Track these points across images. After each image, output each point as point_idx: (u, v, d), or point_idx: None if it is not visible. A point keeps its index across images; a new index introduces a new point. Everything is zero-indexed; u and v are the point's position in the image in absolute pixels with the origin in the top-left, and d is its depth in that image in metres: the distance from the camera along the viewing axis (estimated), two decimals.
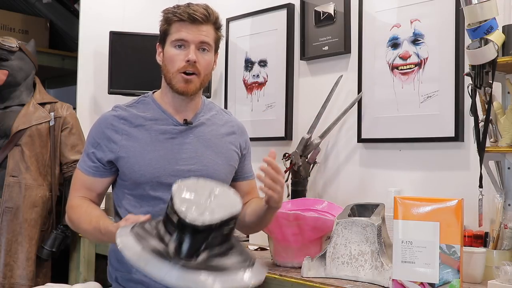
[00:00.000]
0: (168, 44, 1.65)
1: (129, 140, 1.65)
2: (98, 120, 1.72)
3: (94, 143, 1.68)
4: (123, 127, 1.66)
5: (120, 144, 1.64)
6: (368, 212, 1.94)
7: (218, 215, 1.29)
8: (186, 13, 1.62)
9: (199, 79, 1.66)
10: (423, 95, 2.27)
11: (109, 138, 1.65)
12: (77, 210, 1.66)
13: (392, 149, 2.40)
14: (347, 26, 2.56)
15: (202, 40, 1.63)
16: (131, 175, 1.64)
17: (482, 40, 1.82)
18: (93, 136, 1.69)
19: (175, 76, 1.64)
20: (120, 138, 1.65)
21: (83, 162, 1.70)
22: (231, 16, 3.09)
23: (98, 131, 1.68)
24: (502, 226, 1.86)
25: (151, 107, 1.70)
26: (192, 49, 1.62)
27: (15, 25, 4.12)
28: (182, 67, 1.63)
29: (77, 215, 1.65)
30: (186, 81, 1.63)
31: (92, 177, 1.68)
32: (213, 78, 3.10)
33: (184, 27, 1.62)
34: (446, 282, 1.51)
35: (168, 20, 1.65)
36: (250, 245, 2.44)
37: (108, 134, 1.66)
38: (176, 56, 1.63)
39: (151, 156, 1.63)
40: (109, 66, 2.94)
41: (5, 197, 2.57)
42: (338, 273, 1.80)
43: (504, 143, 1.91)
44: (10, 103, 2.69)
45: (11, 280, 2.54)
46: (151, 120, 1.68)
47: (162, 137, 1.66)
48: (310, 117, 2.56)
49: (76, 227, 1.69)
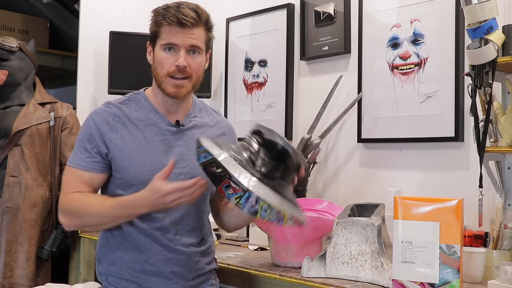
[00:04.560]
0: (158, 47, 1.63)
1: (124, 139, 1.62)
2: (91, 115, 1.67)
3: (90, 139, 1.63)
4: (117, 125, 1.64)
5: (115, 143, 1.62)
6: (368, 212, 1.94)
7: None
8: (175, 17, 1.58)
9: (191, 82, 1.64)
10: (423, 95, 2.27)
11: (104, 134, 1.62)
12: (81, 200, 1.60)
13: (392, 149, 2.40)
14: (347, 26, 2.56)
15: (192, 44, 1.61)
16: (124, 176, 1.61)
17: (482, 40, 1.82)
18: (87, 132, 1.64)
19: (164, 79, 1.62)
20: (115, 136, 1.62)
21: (78, 159, 1.63)
22: (231, 16, 3.09)
23: (93, 126, 1.63)
24: (502, 226, 1.86)
25: (143, 106, 1.68)
26: (182, 54, 1.60)
27: (15, 25, 4.13)
28: (172, 71, 1.61)
29: (82, 204, 1.59)
30: (177, 86, 1.62)
31: (92, 172, 1.62)
32: (213, 78, 3.10)
33: (174, 31, 1.60)
34: (446, 282, 1.51)
35: (157, 22, 1.62)
36: (250, 245, 2.44)
37: (102, 130, 1.63)
38: (165, 59, 1.61)
39: (145, 157, 1.61)
40: (109, 66, 2.94)
41: (5, 197, 2.57)
42: (338, 273, 1.80)
43: (504, 143, 1.91)
44: (10, 103, 2.69)
45: (11, 280, 2.54)
46: (144, 120, 1.66)
47: (156, 139, 1.64)
48: (310, 117, 2.56)
49: (80, 218, 1.61)
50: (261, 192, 1.33)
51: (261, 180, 1.35)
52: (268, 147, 1.42)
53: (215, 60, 3.08)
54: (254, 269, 1.97)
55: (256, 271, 1.96)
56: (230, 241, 2.59)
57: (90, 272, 2.85)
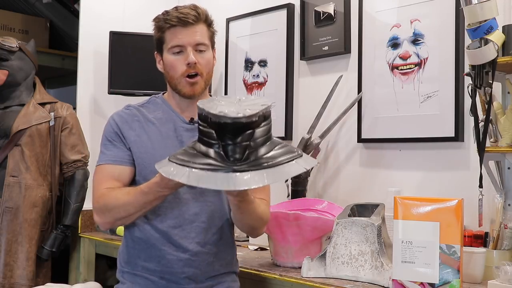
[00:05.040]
0: (166, 52, 1.68)
1: (141, 136, 1.68)
2: (111, 116, 1.74)
3: (114, 135, 1.69)
4: (136, 124, 1.70)
5: (133, 140, 1.67)
6: (368, 212, 1.94)
7: (255, 109, 1.31)
8: (176, 18, 1.64)
9: (203, 79, 1.69)
10: (423, 95, 2.27)
11: (124, 133, 1.68)
12: (108, 195, 1.62)
13: (392, 149, 2.40)
14: (347, 26, 2.56)
15: (197, 41, 1.66)
16: (141, 171, 1.66)
17: (482, 40, 1.82)
18: (110, 130, 1.70)
19: (180, 81, 1.67)
20: (133, 134, 1.68)
21: (106, 156, 1.68)
22: (231, 16, 3.09)
23: (114, 125, 1.70)
24: (502, 226, 1.86)
25: (161, 107, 1.74)
26: (189, 51, 1.65)
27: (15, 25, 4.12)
28: (185, 71, 1.66)
29: (110, 198, 1.61)
30: (191, 84, 1.67)
31: (121, 165, 1.66)
32: (213, 78, 3.09)
33: (178, 33, 1.65)
34: (446, 282, 1.51)
35: (161, 28, 1.68)
36: (250, 245, 2.44)
37: (122, 128, 1.69)
38: (176, 61, 1.66)
39: (161, 152, 1.62)
40: (109, 66, 2.94)
41: (5, 197, 2.57)
42: (338, 273, 1.80)
43: (504, 143, 1.91)
44: (10, 103, 2.69)
45: (11, 280, 2.54)
46: (161, 118, 1.72)
47: (171, 135, 1.69)
48: (310, 117, 2.56)
49: (109, 212, 1.62)
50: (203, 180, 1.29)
51: (236, 170, 1.29)
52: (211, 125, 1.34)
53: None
54: (254, 269, 1.97)
55: (256, 271, 1.96)
56: None
57: (90, 272, 2.85)
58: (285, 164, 1.32)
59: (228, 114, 1.28)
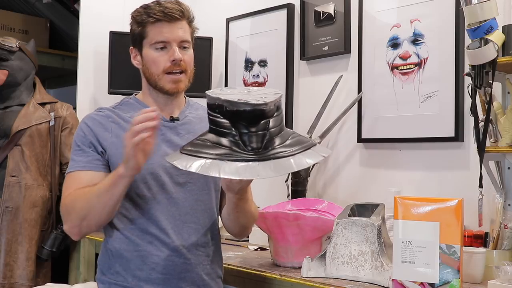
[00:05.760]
0: (147, 47, 1.62)
1: (118, 137, 1.58)
2: (82, 120, 1.66)
3: (84, 139, 1.61)
4: (111, 125, 1.62)
5: (110, 141, 1.60)
6: (368, 212, 1.94)
7: (270, 97, 1.30)
8: (161, 13, 1.58)
9: (187, 76, 1.65)
10: (423, 95, 2.27)
11: (98, 135, 1.61)
12: (74, 193, 1.55)
13: (392, 149, 2.40)
14: (347, 26, 2.56)
15: (182, 38, 1.61)
16: None
17: (482, 40, 1.82)
18: (80, 135, 1.62)
19: (161, 77, 1.62)
20: (109, 135, 1.61)
21: (75, 162, 1.60)
22: (231, 16, 3.09)
23: (86, 129, 1.62)
24: (502, 226, 1.86)
25: (136, 107, 1.66)
26: (175, 48, 1.60)
27: (15, 25, 4.12)
28: (168, 67, 1.61)
29: (75, 195, 1.54)
30: (175, 81, 1.62)
31: (91, 171, 1.58)
32: (213, 78, 3.10)
33: (163, 28, 1.60)
34: (446, 282, 1.51)
35: (142, 22, 1.61)
36: (250, 245, 2.44)
37: (96, 131, 1.61)
38: (159, 57, 1.61)
39: None
40: (109, 66, 2.94)
41: (5, 197, 2.57)
42: (338, 273, 1.80)
43: (504, 143, 1.91)
44: (10, 103, 2.69)
45: (11, 280, 2.54)
46: None
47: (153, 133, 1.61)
48: (310, 117, 2.56)
49: (74, 207, 1.54)
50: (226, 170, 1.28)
51: (258, 159, 1.29)
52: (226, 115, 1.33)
53: (215, 60, 3.08)
54: (254, 269, 1.97)
55: (256, 271, 1.95)
56: (230, 241, 2.59)
57: (90, 272, 2.85)
58: (303, 153, 1.33)
59: (249, 101, 1.28)
